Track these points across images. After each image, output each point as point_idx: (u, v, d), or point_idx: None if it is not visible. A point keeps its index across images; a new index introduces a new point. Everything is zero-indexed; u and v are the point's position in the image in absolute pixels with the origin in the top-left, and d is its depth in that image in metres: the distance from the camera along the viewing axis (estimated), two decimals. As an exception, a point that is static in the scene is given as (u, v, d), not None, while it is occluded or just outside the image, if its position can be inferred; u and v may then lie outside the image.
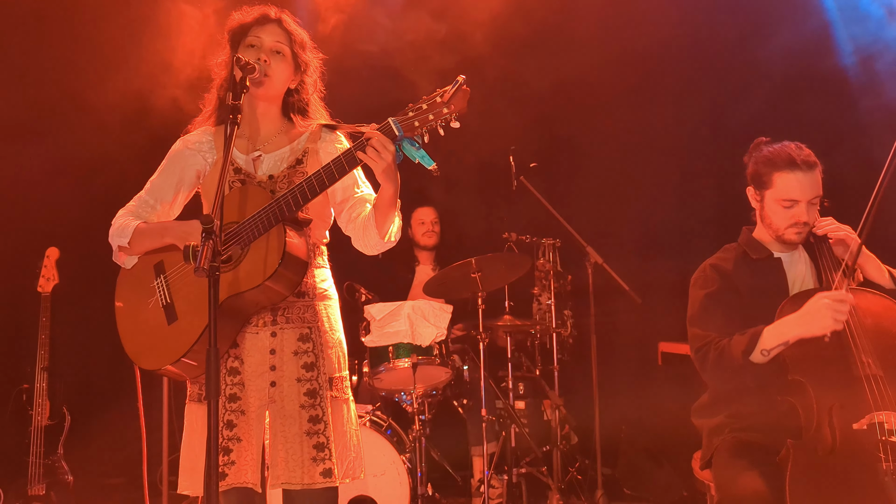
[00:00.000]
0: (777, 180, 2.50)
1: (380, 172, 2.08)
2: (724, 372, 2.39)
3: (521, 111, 5.10)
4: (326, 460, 2.18)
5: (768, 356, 2.31)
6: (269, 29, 2.29)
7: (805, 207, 2.48)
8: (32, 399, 4.03)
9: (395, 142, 2.07)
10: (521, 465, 4.22)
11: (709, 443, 2.55)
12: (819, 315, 2.22)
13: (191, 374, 2.25)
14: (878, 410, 2.18)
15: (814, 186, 2.48)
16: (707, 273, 2.60)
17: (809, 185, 2.47)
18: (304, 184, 2.11)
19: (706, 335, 2.46)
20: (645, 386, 4.89)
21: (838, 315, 2.20)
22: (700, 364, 2.47)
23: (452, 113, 2.03)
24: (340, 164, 2.10)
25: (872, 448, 2.15)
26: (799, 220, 2.49)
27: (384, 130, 2.06)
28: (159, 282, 2.27)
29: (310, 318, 2.27)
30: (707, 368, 2.43)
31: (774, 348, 2.30)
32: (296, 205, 2.11)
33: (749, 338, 2.32)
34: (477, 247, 5.00)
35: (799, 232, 2.51)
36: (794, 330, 2.26)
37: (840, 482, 2.14)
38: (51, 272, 4.11)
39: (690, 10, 4.81)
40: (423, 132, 2.06)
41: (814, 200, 2.49)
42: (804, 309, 2.26)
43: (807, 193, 2.47)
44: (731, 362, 2.35)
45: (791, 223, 2.51)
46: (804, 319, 2.25)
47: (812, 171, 2.47)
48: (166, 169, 2.39)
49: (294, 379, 2.22)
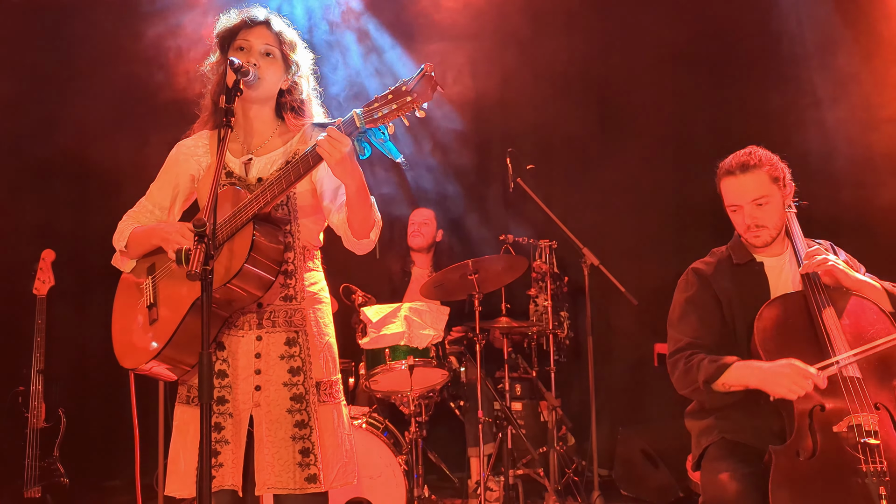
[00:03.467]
0: (722, 189, 2.56)
1: (332, 165, 2.04)
2: (686, 387, 2.45)
3: (520, 112, 5.11)
4: (312, 465, 2.17)
5: (728, 390, 2.34)
6: (257, 31, 2.28)
7: (750, 209, 2.49)
8: (28, 401, 4.03)
9: (360, 133, 2.03)
10: (518, 467, 4.21)
11: (697, 444, 2.55)
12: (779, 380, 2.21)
13: (173, 375, 2.25)
14: (857, 413, 2.19)
15: (752, 188, 2.47)
16: (688, 277, 2.63)
17: (746, 187, 2.48)
18: (271, 182, 2.10)
19: (680, 340, 2.49)
20: (641, 387, 4.90)
21: (797, 389, 2.19)
22: (670, 370, 2.51)
23: (417, 102, 1.96)
24: (306, 160, 2.08)
25: (852, 450, 2.15)
26: (749, 223, 2.50)
27: (347, 122, 2.03)
28: (147, 283, 2.30)
29: (297, 321, 2.26)
30: (674, 377, 2.49)
31: (735, 387, 2.33)
32: (265, 204, 2.09)
33: (716, 369, 2.34)
34: (474, 248, 5.02)
35: (756, 235, 2.51)
36: (756, 381, 2.28)
37: (822, 485, 2.14)
38: (46, 275, 4.11)
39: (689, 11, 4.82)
40: (387, 122, 2.01)
41: (759, 201, 2.48)
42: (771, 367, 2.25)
43: (745, 196, 2.49)
44: (693, 382, 2.39)
45: (744, 227, 2.53)
46: (766, 375, 2.25)
47: (748, 173, 2.47)
48: (163, 175, 2.42)
49: (280, 383, 2.22)
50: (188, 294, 2.13)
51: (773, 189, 2.49)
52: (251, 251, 2.06)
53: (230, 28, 2.29)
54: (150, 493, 3.92)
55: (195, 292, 2.08)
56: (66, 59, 4.93)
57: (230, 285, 2.07)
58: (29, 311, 4.08)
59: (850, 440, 2.17)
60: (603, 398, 4.52)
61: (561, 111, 5.05)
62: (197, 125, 2.42)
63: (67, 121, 4.85)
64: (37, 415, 4.00)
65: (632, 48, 4.95)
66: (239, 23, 2.28)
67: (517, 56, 5.09)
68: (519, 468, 4.21)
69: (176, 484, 2.24)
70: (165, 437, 3.83)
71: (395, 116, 1.99)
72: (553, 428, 4.29)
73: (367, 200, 2.17)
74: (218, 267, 2.07)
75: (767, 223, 2.50)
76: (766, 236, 2.52)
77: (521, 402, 4.58)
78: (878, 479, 2.09)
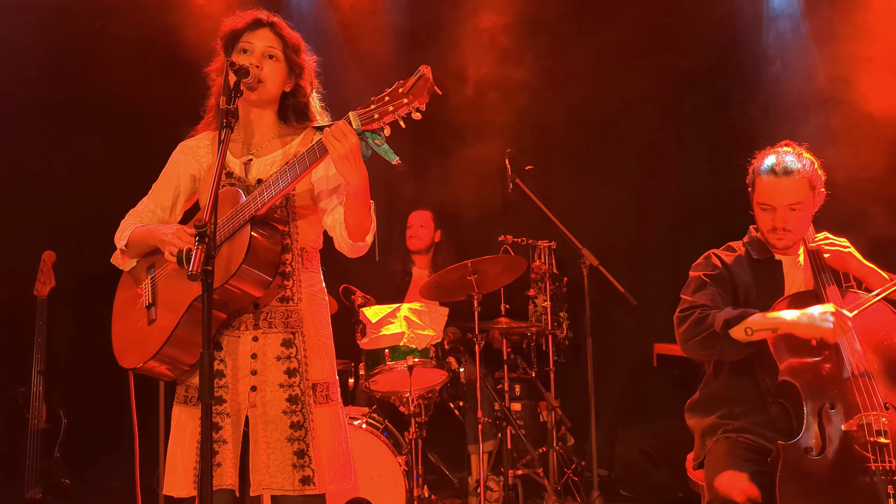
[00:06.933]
0: (758, 184, 2.53)
1: (336, 159, 2.02)
2: (696, 335, 2.38)
3: (518, 112, 5.11)
4: (306, 467, 2.18)
5: (751, 336, 2.30)
6: (261, 34, 2.28)
7: (782, 213, 2.48)
8: (29, 402, 4.03)
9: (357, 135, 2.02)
10: (518, 467, 4.22)
11: (701, 444, 2.56)
12: (823, 319, 2.22)
13: (171, 374, 2.26)
14: (867, 411, 2.20)
15: (791, 192, 2.46)
16: (711, 259, 2.62)
17: (785, 190, 2.46)
18: (269, 182, 2.11)
19: (694, 301, 2.47)
20: (640, 387, 4.90)
21: (844, 327, 2.21)
22: (678, 325, 2.46)
23: (413, 104, 1.96)
24: (312, 152, 2.08)
25: (861, 448, 2.16)
26: (777, 226, 2.49)
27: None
28: (146, 283, 2.31)
29: (294, 323, 2.27)
30: (683, 328, 2.43)
31: (760, 331, 2.30)
32: (262, 204, 2.10)
33: (739, 312, 2.33)
34: (473, 249, 5.02)
35: (780, 238, 2.51)
36: (790, 322, 2.26)
37: (830, 483, 2.15)
38: (47, 276, 4.11)
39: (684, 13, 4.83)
40: (383, 125, 2.01)
41: (794, 206, 2.46)
42: (808, 309, 2.26)
43: (782, 199, 2.47)
44: (708, 328, 2.34)
45: (770, 227, 2.52)
46: (805, 317, 2.25)
47: (788, 177, 2.45)
48: (165, 174, 2.43)
49: (276, 384, 2.22)
50: (187, 294, 2.14)
51: (810, 196, 2.49)
52: (248, 252, 2.06)
53: (234, 30, 2.30)
54: (151, 494, 3.92)
55: (194, 292, 2.09)
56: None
57: (227, 285, 2.08)
58: (30, 313, 4.08)
59: (859, 439, 2.18)
60: (602, 398, 4.52)
61: (561, 111, 5.05)
62: (201, 126, 2.43)
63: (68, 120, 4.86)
64: (37, 416, 4.00)
65: (632, 47, 4.96)
66: (243, 25, 2.29)
67: (517, 56, 5.09)
68: (518, 468, 4.22)
69: (174, 483, 2.25)
70: (166, 438, 3.83)
71: (392, 118, 1.99)
72: (552, 428, 4.30)
73: (367, 201, 2.17)
74: (216, 267, 2.07)
75: (795, 229, 2.50)
76: (790, 241, 2.52)
77: (521, 402, 4.58)
78: (886, 478, 2.11)
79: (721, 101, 4.83)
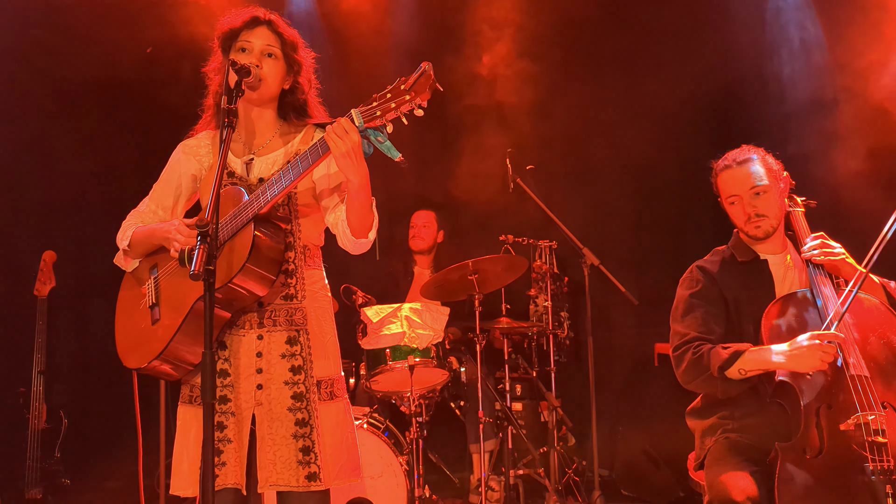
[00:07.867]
0: (720, 182, 2.62)
1: (338, 156, 2.03)
2: (696, 377, 2.43)
3: (520, 112, 5.12)
4: (312, 464, 2.18)
5: (745, 376, 2.34)
6: (259, 32, 2.28)
7: (749, 199, 2.54)
8: (29, 402, 4.03)
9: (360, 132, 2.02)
10: (519, 467, 4.22)
11: (701, 444, 2.56)
12: (806, 356, 2.23)
13: (175, 374, 2.26)
14: (864, 411, 2.19)
15: (749, 177, 2.54)
16: (693, 274, 2.64)
17: (743, 176, 2.55)
18: (271, 180, 2.11)
19: (686, 333, 2.49)
20: (641, 387, 4.90)
21: (825, 357, 2.22)
22: (676, 363, 2.50)
23: (415, 101, 1.96)
24: (315, 150, 2.08)
25: (859, 448, 2.16)
26: (749, 212, 2.55)
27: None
28: (150, 282, 2.31)
29: (298, 320, 2.27)
30: (681, 369, 2.47)
31: (753, 371, 2.33)
32: (264, 202, 2.10)
33: (730, 354, 2.34)
34: (473, 249, 5.02)
35: (757, 225, 2.55)
36: (779, 362, 2.28)
37: (828, 483, 2.15)
38: (47, 276, 4.11)
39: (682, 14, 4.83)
40: (385, 122, 2.01)
41: (758, 190, 2.53)
42: (792, 346, 2.27)
43: (744, 185, 2.55)
44: (704, 370, 2.38)
45: (744, 218, 2.57)
46: (790, 356, 2.26)
47: (743, 165, 2.56)
48: (166, 174, 2.43)
49: (281, 382, 2.22)
50: (190, 294, 2.14)
51: (771, 179, 2.56)
52: (252, 250, 2.06)
53: (232, 29, 2.29)
54: (152, 494, 3.92)
55: (197, 292, 2.08)
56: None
57: (231, 285, 2.07)
58: (30, 313, 4.08)
59: (857, 438, 2.18)
60: (603, 398, 4.52)
61: (562, 111, 5.05)
62: (200, 126, 2.43)
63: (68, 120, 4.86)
64: (38, 416, 4.00)
65: (634, 49, 4.96)
66: (240, 24, 2.28)
67: (517, 55, 5.09)
68: (519, 468, 4.21)
69: (180, 483, 2.24)
70: (166, 438, 3.83)
71: (394, 115, 1.99)
72: (553, 428, 4.30)
73: (369, 198, 2.17)
74: (219, 267, 2.07)
75: (767, 212, 2.54)
76: (767, 226, 2.55)
77: (522, 402, 4.59)
78: (884, 478, 2.10)
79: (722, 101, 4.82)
